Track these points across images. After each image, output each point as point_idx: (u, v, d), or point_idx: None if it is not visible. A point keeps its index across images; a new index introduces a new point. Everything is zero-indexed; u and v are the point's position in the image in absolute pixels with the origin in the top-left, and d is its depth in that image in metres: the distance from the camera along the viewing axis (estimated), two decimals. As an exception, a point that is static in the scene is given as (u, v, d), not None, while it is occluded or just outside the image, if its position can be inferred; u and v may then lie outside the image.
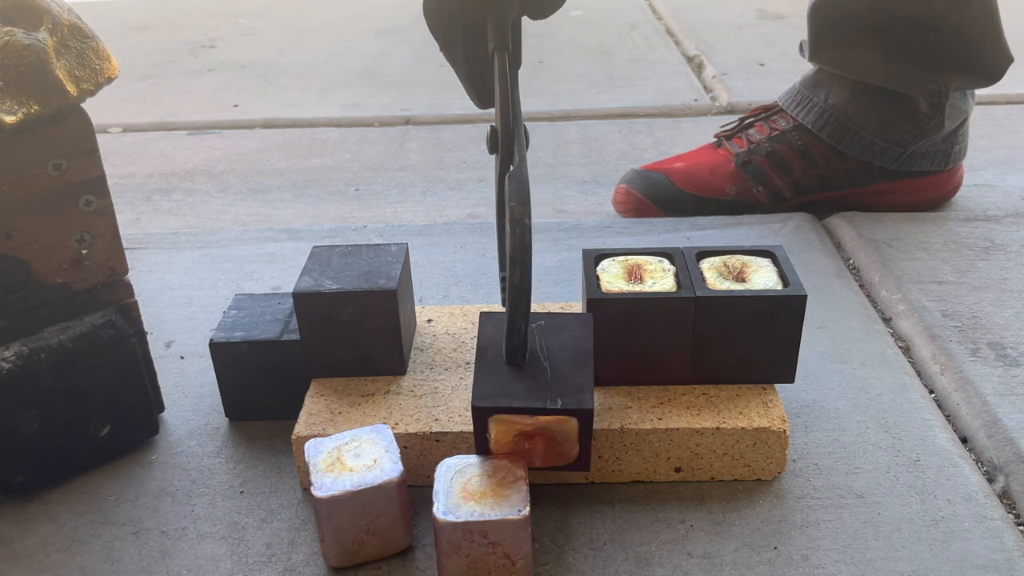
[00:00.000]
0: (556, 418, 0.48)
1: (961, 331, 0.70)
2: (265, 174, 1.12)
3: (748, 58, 1.51)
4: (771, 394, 0.56)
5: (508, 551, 0.47)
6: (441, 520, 0.46)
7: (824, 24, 0.90)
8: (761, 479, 0.56)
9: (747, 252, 0.59)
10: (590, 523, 0.53)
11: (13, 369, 0.52)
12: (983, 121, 1.17)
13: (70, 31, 0.53)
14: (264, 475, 0.57)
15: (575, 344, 0.51)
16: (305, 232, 0.91)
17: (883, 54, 0.87)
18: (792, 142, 0.92)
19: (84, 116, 0.53)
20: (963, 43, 0.86)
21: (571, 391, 0.49)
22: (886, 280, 0.79)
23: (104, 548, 0.52)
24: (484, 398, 0.48)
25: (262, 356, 0.59)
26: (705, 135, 1.01)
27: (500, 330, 0.52)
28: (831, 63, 0.91)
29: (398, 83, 1.46)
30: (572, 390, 0.49)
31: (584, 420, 0.48)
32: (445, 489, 0.48)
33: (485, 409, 0.48)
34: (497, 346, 0.51)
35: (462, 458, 0.50)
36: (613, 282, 0.56)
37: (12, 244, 0.52)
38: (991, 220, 0.89)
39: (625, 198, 0.94)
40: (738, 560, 0.50)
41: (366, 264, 0.59)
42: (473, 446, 0.54)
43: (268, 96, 1.42)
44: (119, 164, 1.17)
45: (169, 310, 0.77)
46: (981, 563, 0.50)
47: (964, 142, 0.93)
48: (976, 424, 0.61)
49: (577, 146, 1.18)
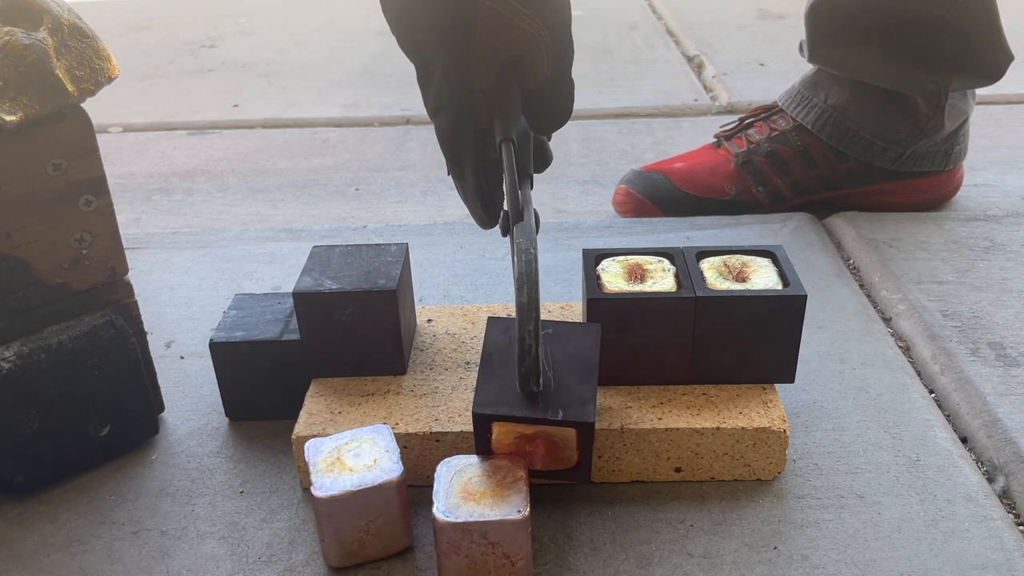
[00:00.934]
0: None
1: (961, 331, 0.71)
2: (265, 174, 1.12)
3: (748, 58, 1.51)
4: (771, 394, 0.56)
5: (508, 551, 0.47)
6: (440, 520, 0.46)
7: (822, 24, 0.90)
8: (761, 479, 0.56)
9: (747, 252, 0.59)
10: (590, 523, 0.53)
11: (13, 369, 0.52)
12: (983, 121, 1.17)
13: (70, 31, 0.53)
14: (264, 475, 0.57)
15: (581, 355, 0.51)
16: (305, 232, 0.91)
17: (882, 54, 0.87)
18: (792, 142, 0.92)
19: (84, 116, 0.53)
20: (962, 41, 0.86)
21: (574, 403, 0.48)
22: (886, 280, 0.79)
23: (104, 548, 0.52)
24: (486, 405, 0.48)
25: (262, 356, 0.59)
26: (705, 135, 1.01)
27: (508, 337, 0.52)
28: (830, 63, 0.91)
29: (398, 83, 1.45)
30: (575, 402, 0.48)
31: (585, 433, 0.48)
32: (445, 489, 0.48)
33: (486, 416, 0.48)
34: (503, 353, 0.51)
35: (462, 458, 0.50)
36: (613, 282, 0.56)
37: (12, 244, 0.52)
38: (991, 220, 0.89)
39: (625, 198, 0.94)
40: (738, 560, 0.50)
41: (366, 264, 0.59)
42: (473, 447, 0.54)
43: (268, 96, 1.42)
44: (119, 164, 1.17)
45: (169, 310, 0.77)
46: (981, 563, 0.50)
47: (964, 143, 0.93)
48: (976, 424, 0.61)
49: (577, 146, 1.18)
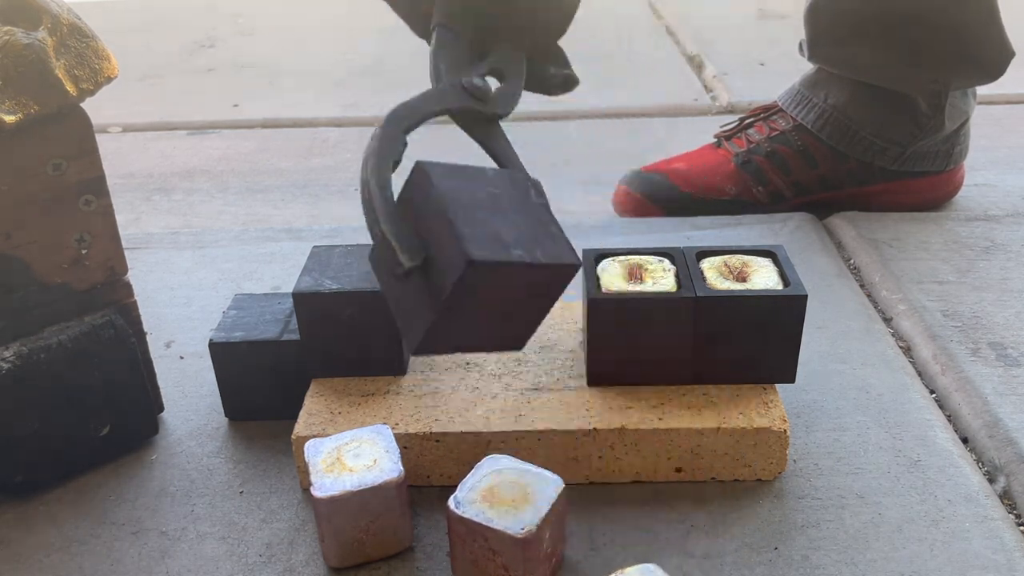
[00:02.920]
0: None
1: (962, 331, 0.70)
2: (265, 174, 1.12)
3: (748, 58, 1.51)
4: (771, 394, 0.56)
5: (507, 564, 0.46)
6: (449, 508, 0.46)
7: (823, 22, 0.90)
8: (761, 479, 0.55)
9: (748, 252, 0.59)
10: (590, 523, 0.53)
11: (13, 369, 0.52)
12: (983, 121, 1.17)
13: (70, 31, 0.53)
14: (264, 475, 0.57)
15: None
16: (305, 232, 0.91)
17: (883, 52, 0.87)
18: (792, 142, 0.92)
19: (84, 116, 0.53)
20: (963, 38, 0.86)
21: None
22: (886, 280, 0.78)
23: (104, 548, 0.52)
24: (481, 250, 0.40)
25: (262, 356, 0.59)
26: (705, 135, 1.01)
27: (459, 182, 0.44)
28: (830, 62, 0.91)
29: (398, 83, 1.45)
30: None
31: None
32: (473, 483, 0.48)
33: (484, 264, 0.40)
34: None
35: (510, 460, 0.49)
36: (613, 282, 0.56)
37: (12, 244, 0.52)
38: (991, 220, 0.89)
39: (625, 198, 0.94)
40: (738, 560, 0.50)
41: (366, 264, 0.59)
42: (475, 446, 0.54)
43: (268, 96, 1.42)
44: (119, 164, 1.16)
45: (169, 310, 0.77)
46: (982, 563, 0.50)
47: (965, 143, 0.93)
48: (977, 424, 0.61)
49: (577, 146, 1.18)
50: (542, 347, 0.61)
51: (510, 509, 0.46)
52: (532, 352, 0.61)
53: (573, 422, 0.54)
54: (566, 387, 0.57)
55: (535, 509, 0.46)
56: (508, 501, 0.47)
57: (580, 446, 0.54)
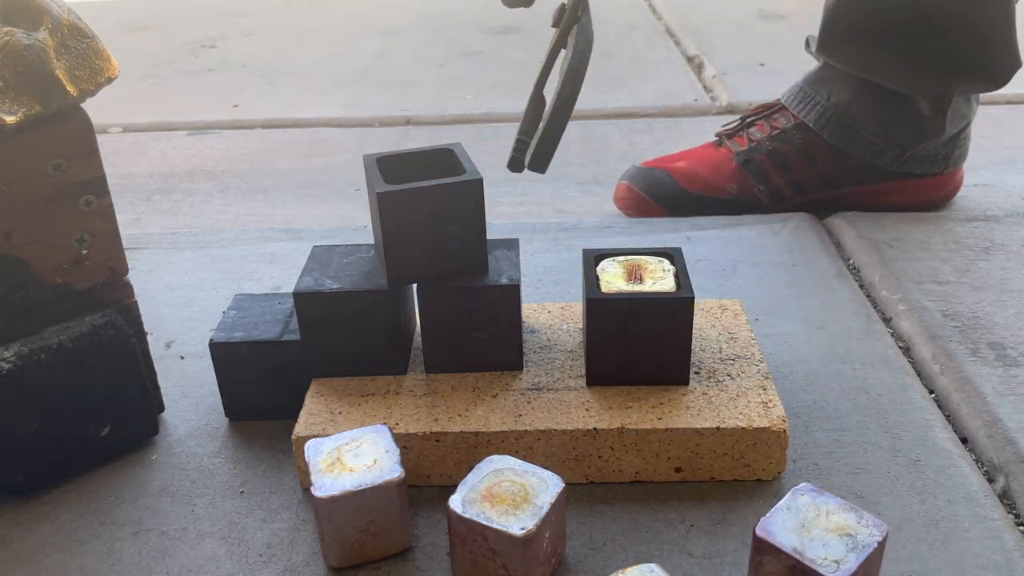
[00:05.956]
0: None
1: (961, 331, 0.70)
2: (265, 174, 1.12)
3: (748, 58, 1.51)
4: (771, 394, 0.56)
5: (506, 563, 0.46)
6: (451, 508, 0.46)
7: (842, 18, 0.89)
8: (761, 479, 0.55)
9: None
10: (590, 523, 0.53)
11: (13, 369, 0.52)
12: (983, 121, 1.16)
13: (70, 31, 0.53)
14: (264, 475, 0.57)
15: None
16: (305, 232, 0.91)
17: (892, 52, 0.87)
18: (793, 140, 0.92)
19: (84, 116, 0.53)
20: (975, 43, 0.85)
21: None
22: (886, 280, 0.79)
23: (104, 548, 0.52)
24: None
25: (262, 356, 0.59)
26: (705, 135, 1.01)
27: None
28: (841, 59, 0.90)
29: (398, 83, 1.46)
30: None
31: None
32: (474, 482, 0.48)
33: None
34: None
35: (508, 459, 0.49)
36: (613, 282, 0.56)
37: (12, 244, 0.52)
38: (991, 220, 0.89)
39: (627, 195, 0.94)
40: (738, 560, 0.50)
41: (366, 264, 0.59)
42: (475, 446, 0.54)
43: (268, 96, 1.42)
44: (119, 164, 1.17)
45: (169, 310, 0.77)
46: (981, 563, 0.50)
47: (965, 146, 0.93)
48: (976, 424, 0.61)
49: (577, 146, 1.18)
50: (542, 347, 0.61)
51: (510, 509, 0.46)
52: (532, 352, 0.61)
53: (573, 422, 0.54)
54: (566, 387, 0.57)
55: (535, 509, 0.46)
56: (508, 501, 0.47)
57: (580, 446, 0.54)
